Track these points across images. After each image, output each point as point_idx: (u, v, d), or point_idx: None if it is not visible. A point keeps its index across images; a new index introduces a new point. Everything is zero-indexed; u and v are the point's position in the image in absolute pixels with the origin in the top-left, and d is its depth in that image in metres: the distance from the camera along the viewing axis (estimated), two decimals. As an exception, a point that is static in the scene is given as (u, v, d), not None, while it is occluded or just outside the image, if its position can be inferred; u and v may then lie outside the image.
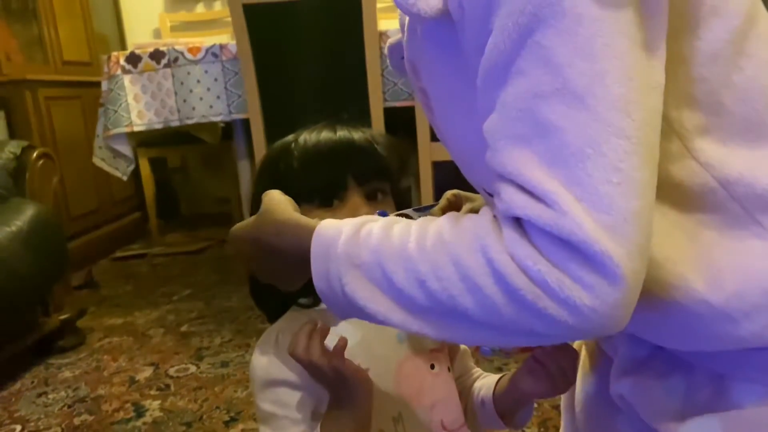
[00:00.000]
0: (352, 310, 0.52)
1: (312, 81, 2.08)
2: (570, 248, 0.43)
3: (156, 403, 1.54)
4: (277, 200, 0.61)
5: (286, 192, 0.65)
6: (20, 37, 2.91)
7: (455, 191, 0.78)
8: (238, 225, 0.64)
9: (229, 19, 2.11)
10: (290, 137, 0.73)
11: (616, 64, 0.43)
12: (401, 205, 0.74)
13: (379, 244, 0.50)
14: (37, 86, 2.70)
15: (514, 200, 0.45)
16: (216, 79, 2.18)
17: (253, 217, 0.62)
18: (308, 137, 0.72)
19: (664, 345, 0.61)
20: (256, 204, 0.70)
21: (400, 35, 0.69)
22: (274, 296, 0.71)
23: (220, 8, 3.72)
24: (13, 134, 2.60)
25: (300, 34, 2.04)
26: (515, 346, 0.62)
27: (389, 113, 2.09)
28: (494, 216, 0.48)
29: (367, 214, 0.64)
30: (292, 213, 0.59)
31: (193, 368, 1.72)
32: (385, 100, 2.10)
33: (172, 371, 1.72)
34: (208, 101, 2.19)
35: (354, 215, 0.63)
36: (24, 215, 1.74)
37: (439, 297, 0.48)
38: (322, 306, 0.70)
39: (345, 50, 2.04)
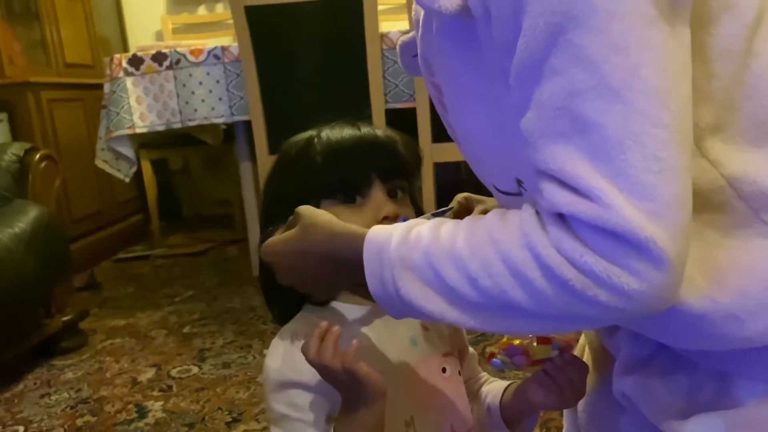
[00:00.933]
0: (408, 310, 0.54)
1: (314, 83, 2.09)
2: (616, 238, 0.44)
3: (158, 404, 1.54)
4: (321, 213, 0.62)
5: (307, 187, 0.66)
6: (23, 40, 2.91)
7: (466, 194, 0.79)
8: (275, 239, 0.64)
9: (231, 21, 2.12)
10: (310, 132, 0.72)
11: (649, 56, 0.44)
12: (415, 203, 0.74)
13: (429, 246, 0.52)
14: (40, 88, 2.70)
15: (557, 197, 0.46)
16: (218, 81, 2.19)
17: (294, 230, 0.62)
18: (331, 133, 0.71)
19: (669, 343, 0.61)
20: (272, 199, 0.71)
21: (411, 33, 0.69)
22: (287, 297, 0.71)
23: (221, 10, 3.72)
24: (15, 136, 2.61)
25: (302, 36, 2.05)
26: (559, 331, 0.63)
27: (391, 115, 2.10)
28: (536, 211, 0.49)
29: (390, 211, 0.66)
30: (342, 223, 0.60)
31: (195, 369, 1.73)
32: (386, 101, 2.10)
33: (174, 372, 1.72)
34: (210, 103, 2.20)
35: (377, 212, 0.66)
36: (27, 217, 1.75)
37: (491, 293, 0.49)
38: (333, 304, 0.71)
39: (346, 52, 2.05)
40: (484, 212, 0.67)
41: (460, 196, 0.79)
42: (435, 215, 0.68)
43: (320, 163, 0.68)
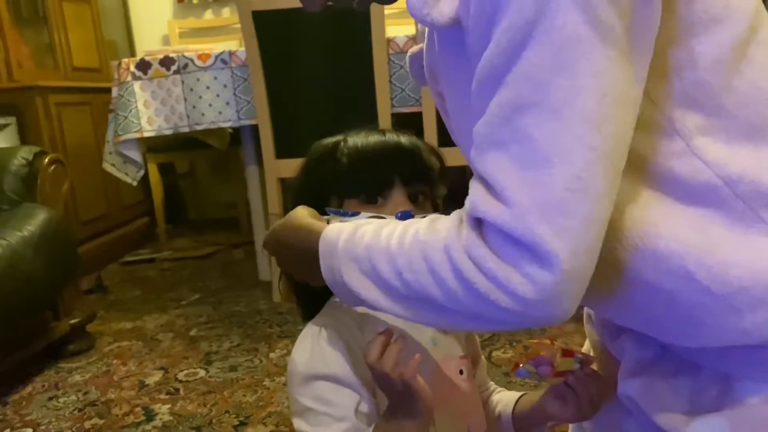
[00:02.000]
0: (352, 298, 0.61)
1: (320, 87, 2.10)
2: (520, 246, 0.48)
3: (165, 408, 1.55)
4: (298, 210, 0.68)
5: (332, 187, 0.71)
6: (31, 44, 2.94)
7: None
8: (271, 228, 0.71)
9: (238, 25, 2.13)
10: (338, 137, 0.76)
11: (594, 82, 0.46)
12: (437, 209, 0.76)
13: (370, 242, 0.59)
14: (48, 92, 2.72)
15: (479, 199, 0.51)
16: (225, 86, 2.20)
17: (280, 221, 0.69)
18: (357, 137, 0.74)
19: (669, 341, 0.62)
20: (298, 197, 0.75)
21: (421, 45, 0.72)
22: (309, 292, 0.74)
23: (228, 15, 3.74)
24: (23, 140, 2.63)
25: (308, 40, 2.06)
26: (474, 329, 0.70)
27: (397, 119, 2.10)
28: (461, 217, 0.54)
29: None
30: (307, 219, 0.66)
31: (202, 372, 1.73)
32: (392, 106, 2.11)
33: (181, 375, 1.73)
34: (218, 107, 2.21)
35: (396, 213, 0.68)
36: (35, 220, 1.76)
37: (413, 287, 0.55)
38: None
39: (353, 56, 2.05)
40: None
41: None
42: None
43: (345, 164, 0.72)
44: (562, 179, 0.47)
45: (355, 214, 0.69)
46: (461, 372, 0.75)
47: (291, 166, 2.49)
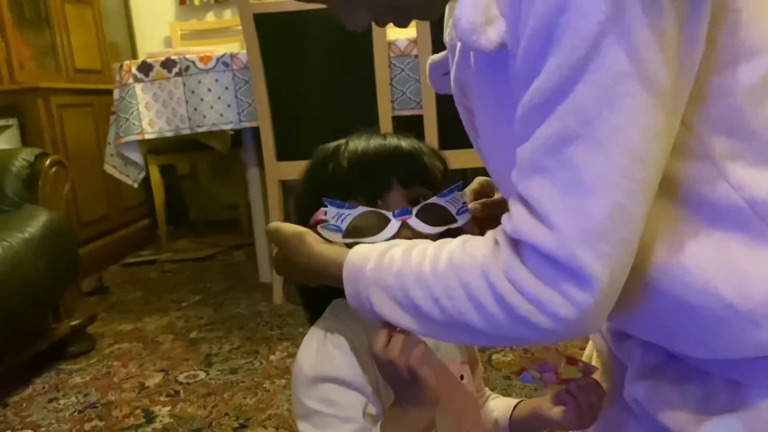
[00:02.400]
0: (380, 320, 0.62)
1: (321, 89, 2.10)
2: (563, 270, 0.50)
3: (166, 410, 1.55)
4: (306, 237, 0.69)
5: (333, 190, 0.71)
6: (33, 46, 2.94)
7: (486, 178, 0.81)
8: (274, 257, 0.73)
9: (239, 27, 2.14)
10: (340, 141, 0.77)
11: (638, 118, 0.49)
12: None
13: (401, 268, 0.59)
14: (50, 94, 2.72)
15: (521, 223, 0.53)
16: (226, 88, 2.20)
17: (282, 252, 0.71)
18: (358, 141, 0.75)
19: (685, 351, 0.63)
20: (302, 197, 0.76)
21: (442, 53, 0.74)
22: (316, 293, 0.75)
23: (230, 17, 3.75)
24: (25, 141, 2.63)
25: (310, 43, 2.06)
26: (503, 346, 0.69)
27: (398, 122, 2.10)
28: (495, 240, 0.56)
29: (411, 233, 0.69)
30: (322, 245, 0.68)
31: (202, 375, 1.73)
32: (393, 108, 2.11)
33: (181, 377, 1.73)
34: (219, 110, 2.21)
35: (397, 234, 0.69)
36: (37, 222, 1.76)
37: (450, 312, 0.56)
38: None
39: (354, 59, 2.06)
40: (503, 201, 0.73)
41: (481, 179, 0.82)
42: (442, 196, 0.72)
43: (345, 167, 0.72)
44: (605, 207, 0.49)
45: (352, 206, 0.70)
46: (462, 377, 0.75)
47: (292, 169, 2.52)
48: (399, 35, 2.17)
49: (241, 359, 1.81)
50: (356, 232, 0.69)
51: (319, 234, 0.70)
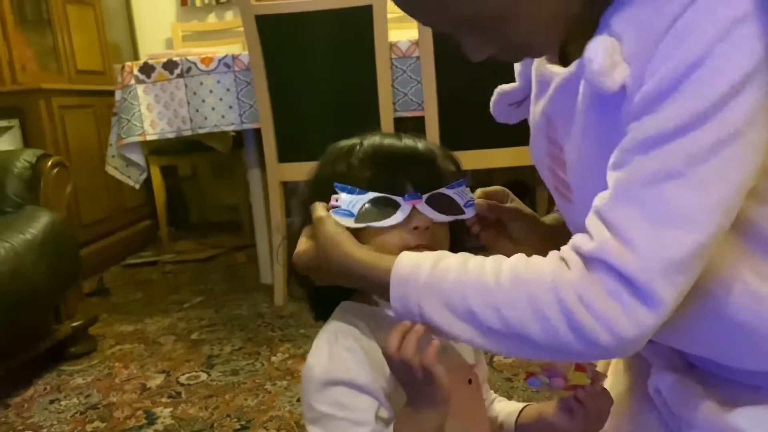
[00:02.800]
0: (424, 326, 0.62)
1: (323, 91, 2.10)
2: (638, 293, 0.54)
3: (167, 411, 1.55)
4: (336, 233, 0.68)
5: (328, 191, 0.70)
6: (35, 47, 2.95)
7: (503, 188, 0.83)
8: (299, 253, 0.72)
9: (241, 28, 2.14)
10: (354, 140, 0.76)
11: (739, 173, 0.54)
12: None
13: (459, 277, 0.61)
14: (51, 95, 2.73)
15: (605, 244, 0.55)
16: (228, 89, 2.20)
17: (313, 247, 0.70)
18: (373, 142, 0.74)
19: (725, 362, 0.66)
20: (311, 199, 0.74)
21: (514, 84, 0.77)
22: (324, 293, 0.75)
23: (231, 18, 3.75)
24: (27, 142, 2.64)
25: (311, 45, 2.06)
26: (551, 359, 0.70)
27: (399, 123, 2.10)
28: (561, 258, 0.59)
29: (420, 222, 0.70)
30: (359, 248, 0.67)
31: (203, 376, 1.74)
32: (395, 110, 2.11)
33: (183, 379, 1.73)
34: (220, 111, 2.22)
35: (408, 221, 0.70)
36: (38, 223, 1.76)
37: (511, 322, 0.58)
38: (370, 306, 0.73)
39: (356, 60, 2.06)
40: (517, 210, 0.79)
41: (500, 187, 0.83)
42: (451, 188, 0.73)
43: (359, 167, 0.72)
44: (689, 244, 0.53)
45: (363, 191, 0.70)
46: (470, 381, 0.75)
47: (293, 170, 2.52)
48: (400, 37, 2.17)
49: (243, 360, 1.81)
50: (367, 216, 0.69)
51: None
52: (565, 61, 0.66)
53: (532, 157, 0.79)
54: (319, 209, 0.70)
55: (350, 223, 0.69)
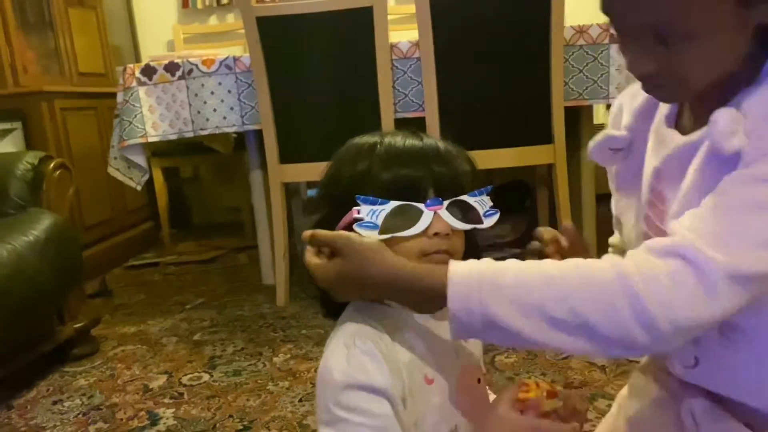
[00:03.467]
0: (482, 326, 0.63)
1: (324, 92, 2.11)
2: (708, 287, 0.58)
3: (170, 412, 1.55)
4: (372, 246, 0.68)
5: (362, 189, 0.69)
6: (37, 49, 2.96)
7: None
8: (326, 268, 0.70)
9: (242, 30, 2.14)
10: (374, 138, 0.75)
11: None
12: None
13: (520, 272, 0.63)
14: (54, 97, 2.74)
15: (684, 240, 0.60)
16: (230, 91, 2.21)
17: (346, 262, 0.68)
18: (393, 144, 0.73)
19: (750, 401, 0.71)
20: (328, 198, 0.74)
21: (623, 133, 0.81)
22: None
23: (232, 20, 3.76)
24: (29, 144, 2.64)
25: (312, 46, 2.07)
26: (606, 356, 0.70)
27: (399, 124, 2.11)
28: (623, 254, 0.62)
29: (441, 228, 0.70)
30: (400, 259, 0.67)
31: (206, 377, 1.74)
32: (396, 111, 2.12)
33: (185, 380, 1.74)
34: (222, 112, 2.22)
35: (428, 228, 0.69)
36: (41, 225, 1.77)
37: (578, 311, 0.60)
38: (387, 308, 0.72)
39: (357, 62, 2.06)
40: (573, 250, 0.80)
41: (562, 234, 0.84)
42: (480, 193, 0.74)
43: (380, 171, 0.71)
44: (763, 264, 0.59)
45: (385, 201, 0.69)
46: (479, 380, 0.76)
47: (294, 171, 2.52)
48: (401, 38, 2.18)
49: (245, 361, 1.82)
50: (391, 226, 0.69)
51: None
52: (680, 129, 0.74)
53: (620, 205, 0.85)
54: (338, 233, 0.69)
55: (375, 235, 0.68)
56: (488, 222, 0.73)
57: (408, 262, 0.67)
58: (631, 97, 0.82)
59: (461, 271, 0.64)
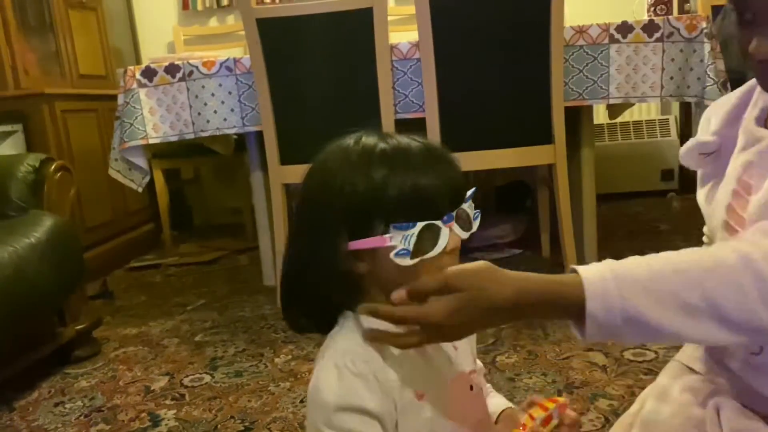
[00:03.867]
0: (623, 322, 0.62)
1: (324, 93, 2.11)
2: None
3: (171, 413, 1.56)
4: (488, 271, 0.64)
5: (380, 214, 0.65)
6: (38, 51, 2.96)
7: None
8: (436, 310, 0.62)
9: (242, 32, 2.15)
10: (379, 143, 0.69)
11: None
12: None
13: (649, 266, 0.64)
14: (54, 99, 2.74)
15: None
16: (230, 93, 2.21)
17: (462, 297, 0.62)
18: (406, 150, 0.68)
19: None
20: (307, 208, 0.71)
21: (713, 138, 0.85)
22: (325, 306, 0.72)
23: (233, 22, 3.77)
24: (30, 147, 2.65)
25: (312, 47, 2.07)
26: (730, 342, 0.68)
27: (400, 125, 2.11)
28: (749, 240, 0.66)
29: (456, 243, 0.68)
30: (519, 275, 0.65)
31: (207, 378, 1.74)
32: (396, 112, 2.12)
33: (186, 381, 1.74)
34: (222, 114, 2.23)
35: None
36: (42, 227, 1.77)
37: (710, 294, 0.61)
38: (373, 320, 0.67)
39: (357, 63, 2.06)
40: None
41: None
42: (470, 197, 0.71)
43: (396, 196, 0.65)
44: None
45: (412, 225, 0.64)
46: (471, 388, 0.75)
47: (295, 172, 2.50)
48: (401, 39, 2.18)
49: (246, 362, 1.82)
50: (420, 250, 0.65)
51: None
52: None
53: (708, 197, 0.87)
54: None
55: (407, 261, 0.64)
56: (475, 225, 0.71)
57: (521, 274, 0.64)
58: (718, 107, 0.87)
59: (592, 270, 0.63)
